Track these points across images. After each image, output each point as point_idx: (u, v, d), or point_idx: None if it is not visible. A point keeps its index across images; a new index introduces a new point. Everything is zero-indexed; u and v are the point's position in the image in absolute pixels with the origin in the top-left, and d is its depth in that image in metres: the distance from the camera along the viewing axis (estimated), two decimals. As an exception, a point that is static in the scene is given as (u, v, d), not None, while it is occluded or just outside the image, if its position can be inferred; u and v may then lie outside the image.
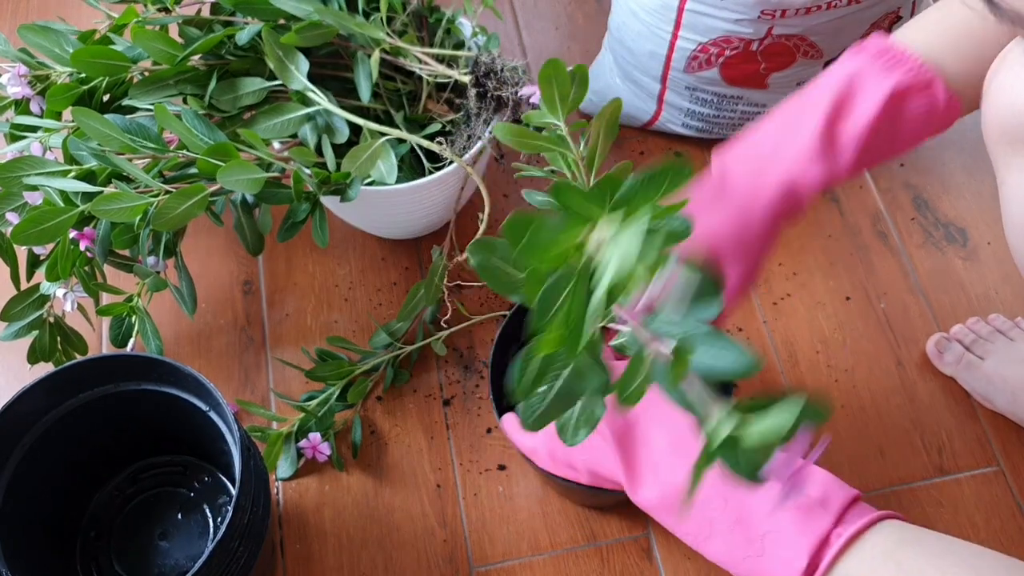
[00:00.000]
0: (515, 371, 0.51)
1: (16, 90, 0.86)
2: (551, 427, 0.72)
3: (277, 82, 0.86)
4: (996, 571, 0.54)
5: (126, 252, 0.86)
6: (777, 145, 0.69)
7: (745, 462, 0.45)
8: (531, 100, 0.86)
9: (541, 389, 0.54)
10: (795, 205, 0.70)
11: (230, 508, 0.71)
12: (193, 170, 0.82)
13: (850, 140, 0.68)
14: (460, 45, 0.96)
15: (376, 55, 0.86)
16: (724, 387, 0.84)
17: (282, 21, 0.87)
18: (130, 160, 0.81)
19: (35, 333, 0.89)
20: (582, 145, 0.60)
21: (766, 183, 0.68)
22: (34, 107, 0.87)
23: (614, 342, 0.63)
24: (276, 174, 0.81)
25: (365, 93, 0.87)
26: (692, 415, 0.47)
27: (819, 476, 0.62)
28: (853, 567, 0.57)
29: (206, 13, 0.89)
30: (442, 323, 0.98)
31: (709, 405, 0.46)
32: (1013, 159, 0.65)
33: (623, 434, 0.67)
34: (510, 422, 0.78)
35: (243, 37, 0.85)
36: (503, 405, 0.86)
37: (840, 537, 0.58)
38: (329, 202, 0.93)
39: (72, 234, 0.80)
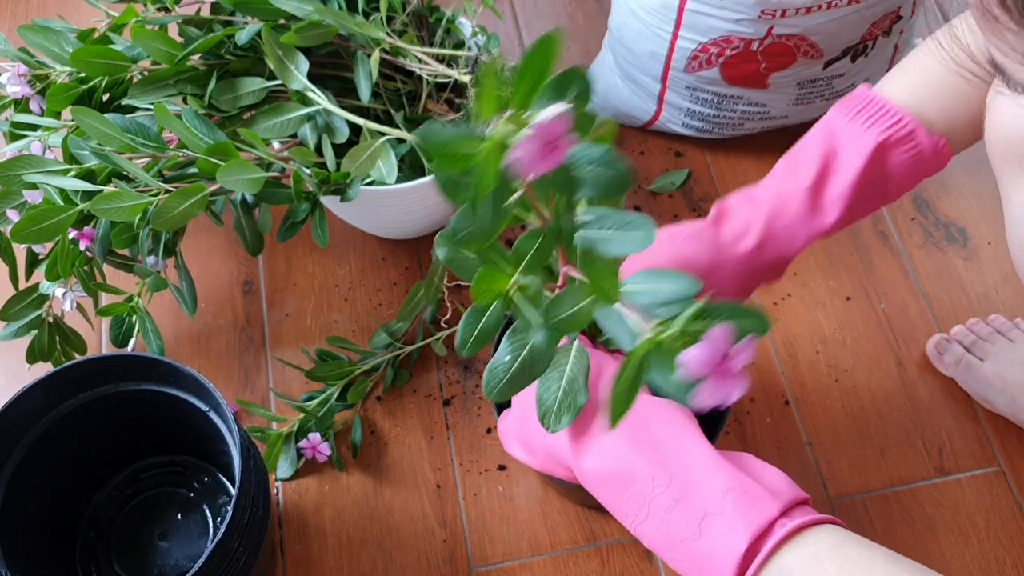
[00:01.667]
0: (461, 325, 0.51)
1: (16, 89, 0.86)
2: (522, 410, 0.72)
3: (277, 82, 0.86)
4: None
5: (126, 252, 0.85)
6: (766, 202, 0.72)
7: (664, 363, 0.45)
8: None
9: (504, 360, 0.54)
10: (772, 263, 0.73)
11: (230, 508, 0.71)
12: (193, 169, 0.82)
13: (837, 199, 0.70)
14: (460, 45, 0.96)
15: (376, 55, 0.86)
16: (719, 418, 0.83)
17: (282, 21, 0.87)
18: (130, 159, 0.80)
19: (34, 333, 0.88)
20: None
21: (748, 235, 0.71)
22: (34, 106, 0.87)
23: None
24: (276, 174, 0.81)
25: (365, 93, 0.87)
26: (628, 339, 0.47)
27: (772, 472, 0.61)
28: (795, 558, 0.56)
29: (206, 13, 0.89)
30: (442, 323, 0.98)
31: (642, 319, 0.46)
32: (1018, 178, 0.65)
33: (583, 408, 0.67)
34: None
35: (243, 37, 0.85)
36: (503, 406, 0.86)
37: (784, 527, 0.56)
38: (329, 202, 0.93)
39: (72, 233, 0.80)
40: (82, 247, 0.81)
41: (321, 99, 0.85)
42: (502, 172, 0.42)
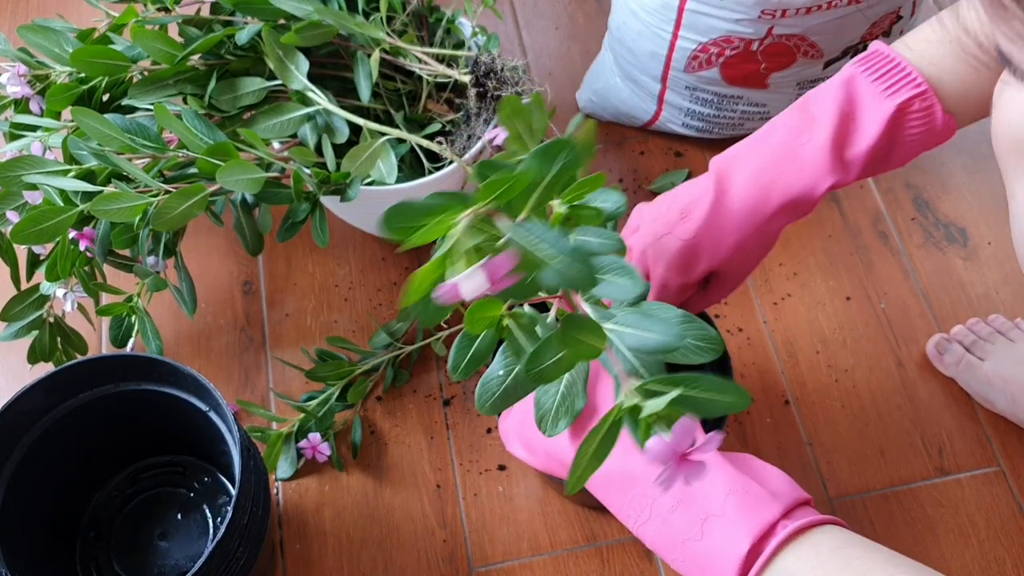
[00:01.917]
0: (454, 349, 0.52)
1: (16, 89, 0.86)
2: (523, 411, 0.72)
3: (277, 82, 0.86)
4: None
5: (126, 252, 0.85)
6: (782, 158, 0.69)
7: (640, 431, 0.46)
8: (495, 143, 0.86)
9: (497, 374, 0.54)
10: (800, 214, 0.71)
11: (230, 508, 0.71)
12: (193, 170, 0.82)
13: (855, 158, 0.68)
14: (460, 45, 0.96)
15: (376, 55, 0.86)
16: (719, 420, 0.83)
17: (282, 21, 0.87)
18: (130, 160, 0.80)
19: (35, 333, 0.89)
20: None
21: (773, 195, 0.69)
22: (34, 106, 0.87)
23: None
24: (276, 174, 0.81)
25: (365, 93, 0.87)
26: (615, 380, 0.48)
27: (774, 473, 0.61)
28: (795, 560, 0.56)
29: (206, 13, 0.89)
30: (442, 323, 0.98)
31: (623, 376, 0.46)
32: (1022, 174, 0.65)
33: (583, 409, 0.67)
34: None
35: (243, 37, 0.85)
36: None
37: (786, 528, 0.56)
38: (329, 202, 0.93)
39: (72, 234, 0.80)
40: (82, 248, 0.81)
41: (321, 99, 0.85)
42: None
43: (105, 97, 0.87)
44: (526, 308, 0.53)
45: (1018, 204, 0.67)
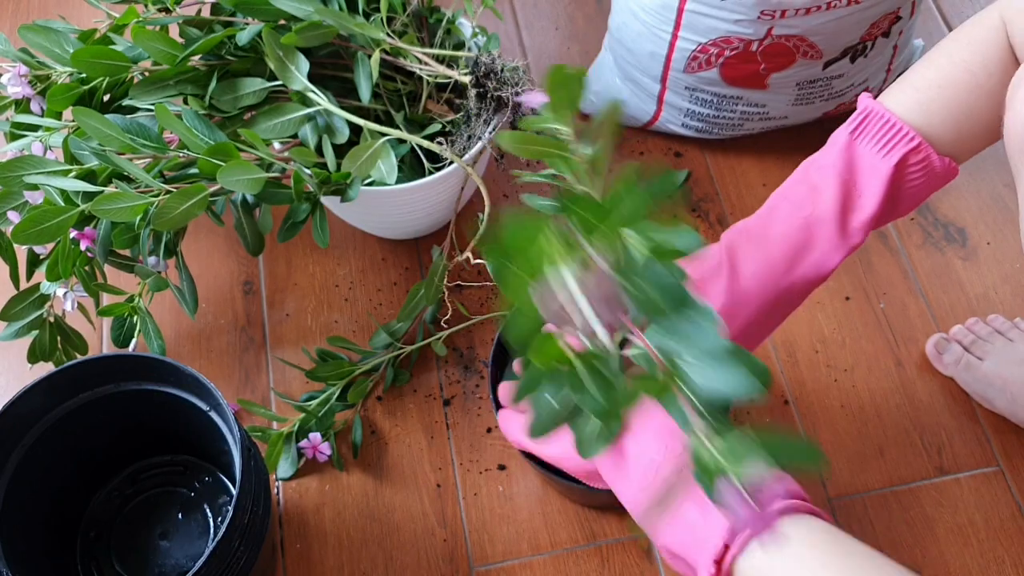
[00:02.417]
0: (535, 414, 0.50)
1: (16, 90, 0.86)
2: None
3: (277, 82, 0.86)
4: None
5: (127, 252, 0.86)
6: (790, 236, 0.70)
7: (712, 482, 0.45)
8: (530, 106, 0.86)
9: (547, 398, 0.54)
10: (813, 286, 0.72)
11: (230, 508, 0.71)
12: (193, 170, 0.82)
13: (862, 224, 0.70)
14: (460, 45, 0.96)
15: (376, 55, 0.86)
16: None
17: (282, 21, 0.87)
18: (131, 160, 0.81)
19: (35, 333, 0.89)
20: (588, 150, 0.60)
21: (784, 275, 0.70)
22: (34, 107, 0.87)
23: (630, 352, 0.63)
24: (276, 174, 0.81)
25: (365, 93, 0.87)
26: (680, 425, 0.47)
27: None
28: (772, 547, 0.56)
29: (206, 13, 0.90)
30: (442, 323, 0.98)
31: (693, 423, 0.46)
32: None
33: None
34: (502, 390, 0.78)
35: (243, 37, 0.85)
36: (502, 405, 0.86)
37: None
38: (329, 202, 0.93)
39: (72, 234, 0.80)
40: (83, 247, 0.81)
41: (321, 99, 0.85)
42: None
43: (106, 97, 0.87)
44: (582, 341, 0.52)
45: None
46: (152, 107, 0.83)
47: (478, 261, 0.91)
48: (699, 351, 0.48)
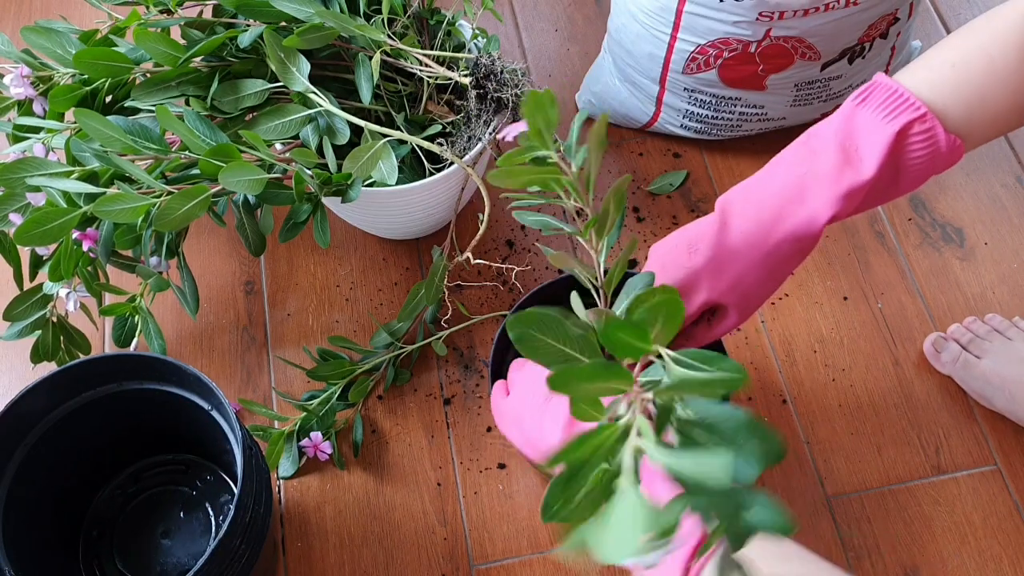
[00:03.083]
0: (549, 492, 0.49)
1: (19, 91, 0.86)
2: (519, 404, 0.72)
3: (279, 84, 0.87)
4: None
5: (129, 252, 0.86)
6: (783, 191, 0.70)
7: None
8: (510, 138, 0.86)
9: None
10: (802, 249, 0.70)
11: (232, 507, 0.71)
12: (195, 171, 0.83)
13: (857, 187, 0.68)
14: (460, 47, 0.96)
15: (377, 57, 0.87)
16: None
17: (284, 23, 0.88)
18: (132, 161, 0.81)
19: (38, 333, 0.89)
20: (574, 167, 0.60)
21: (773, 228, 0.69)
22: (37, 108, 0.88)
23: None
24: (278, 175, 0.82)
25: (366, 95, 0.87)
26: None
27: None
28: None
29: (208, 15, 0.90)
30: (442, 323, 0.98)
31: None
32: None
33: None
34: (497, 390, 0.78)
35: (245, 39, 0.85)
36: (496, 375, 0.86)
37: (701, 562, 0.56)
38: (330, 203, 0.94)
39: (75, 235, 0.80)
40: (85, 248, 0.81)
41: (322, 101, 0.85)
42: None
43: (108, 99, 0.88)
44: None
45: None
46: (154, 108, 0.84)
47: (478, 261, 0.91)
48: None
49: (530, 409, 0.71)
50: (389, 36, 0.89)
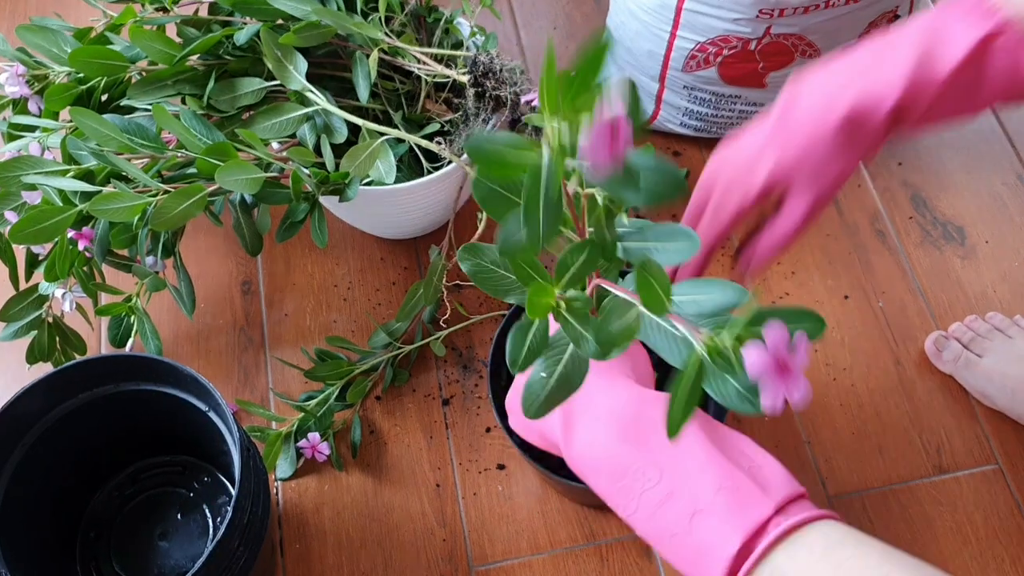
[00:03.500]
0: (510, 342, 0.51)
1: (14, 89, 0.86)
2: (520, 390, 0.72)
3: (275, 82, 0.86)
4: None
5: (125, 252, 0.86)
6: (856, 66, 0.65)
7: (722, 370, 0.44)
8: (532, 104, 0.86)
9: (540, 376, 0.54)
10: (867, 127, 0.65)
11: (230, 508, 0.71)
12: (192, 170, 0.82)
13: (933, 77, 0.63)
14: (458, 45, 0.96)
15: (374, 55, 0.86)
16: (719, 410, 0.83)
17: (280, 21, 0.87)
18: (129, 160, 0.81)
19: (34, 333, 0.89)
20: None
21: (838, 101, 0.64)
22: (32, 107, 0.87)
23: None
24: (275, 174, 0.81)
25: (363, 93, 0.87)
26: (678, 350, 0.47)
27: (768, 463, 0.59)
28: (789, 559, 0.54)
29: (204, 13, 0.89)
30: (441, 323, 0.98)
31: (694, 332, 0.45)
32: None
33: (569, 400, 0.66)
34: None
35: (241, 37, 0.85)
36: (502, 405, 0.86)
37: (778, 526, 0.55)
38: (328, 202, 0.93)
39: (70, 234, 0.80)
40: (81, 248, 0.81)
41: (320, 99, 0.85)
42: (555, 177, 0.41)
43: (104, 97, 0.87)
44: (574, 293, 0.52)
45: None
46: (150, 107, 0.83)
47: (477, 260, 0.90)
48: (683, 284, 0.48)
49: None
50: (387, 34, 0.88)
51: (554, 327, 0.53)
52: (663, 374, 0.73)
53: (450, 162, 0.89)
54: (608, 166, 0.40)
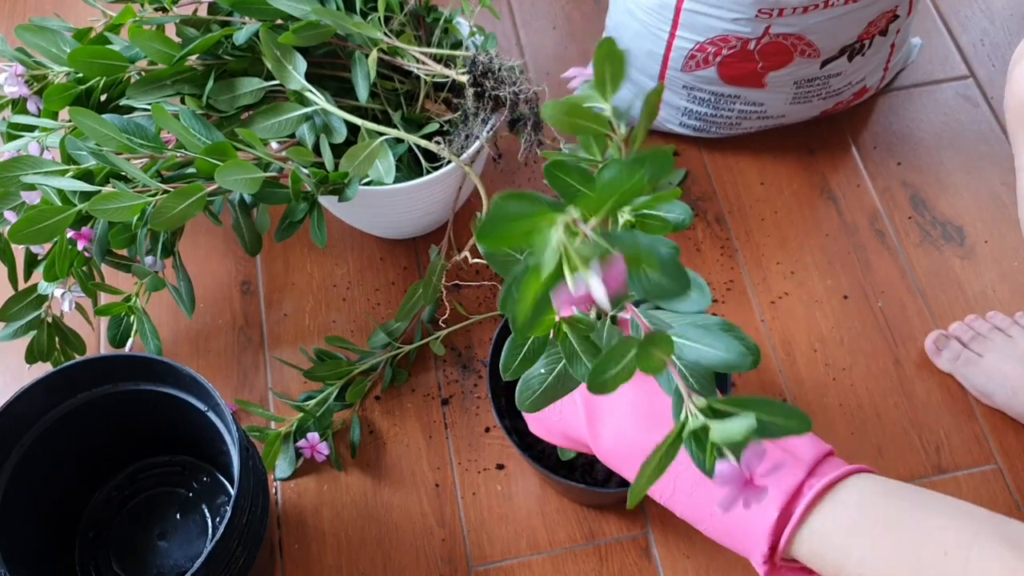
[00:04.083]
0: (505, 349, 0.52)
1: (13, 90, 0.86)
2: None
3: (275, 82, 0.86)
4: (972, 520, 0.52)
5: (124, 252, 0.86)
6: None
7: (707, 455, 0.45)
8: (571, 86, 0.85)
9: (539, 372, 0.54)
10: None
11: (229, 508, 0.71)
12: (191, 170, 0.82)
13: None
14: (458, 45, 0.96)
15: (374, 55, 0.86)
16: (721, 380, 0.84)
17: (280, 21, 0.87)
18: (128, 160, 0.80)
19: (33, 333, 0.89)
20: (622, 129, 0.60)
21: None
22: (31, 107, 0.87)
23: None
24: (274, 174, 0.81)
25: (363, 93, 0.87)
26: (672, 398, 0.47)
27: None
28: (827, 519, 0.55)
29: (203, 13, 0.89)
30: (440, 323, 0.98)
31: (687, 395, 0.46)
32: None
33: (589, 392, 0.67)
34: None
35: (241, 37, 0.85)
36: (502, 404, 0.86)
37: (812, 488, 0.56)
38: (327, 202, 0.93)
39: (70, 234, 0.80)
40: (80, 247, 0.81)
41: (319, 99, 0.85)
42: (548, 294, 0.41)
43: (103, 97, 0.87)
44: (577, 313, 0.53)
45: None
46: (149, 107, 0.83)
47: (476, 260, 0.90)
48: (691, 323, 0.48)
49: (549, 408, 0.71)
50: (386, 34, 0.88)
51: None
52: None
53: (449, 162, 0.89)
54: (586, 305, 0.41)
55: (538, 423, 0.73)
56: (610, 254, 0.39)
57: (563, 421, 0.69)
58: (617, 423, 0.65)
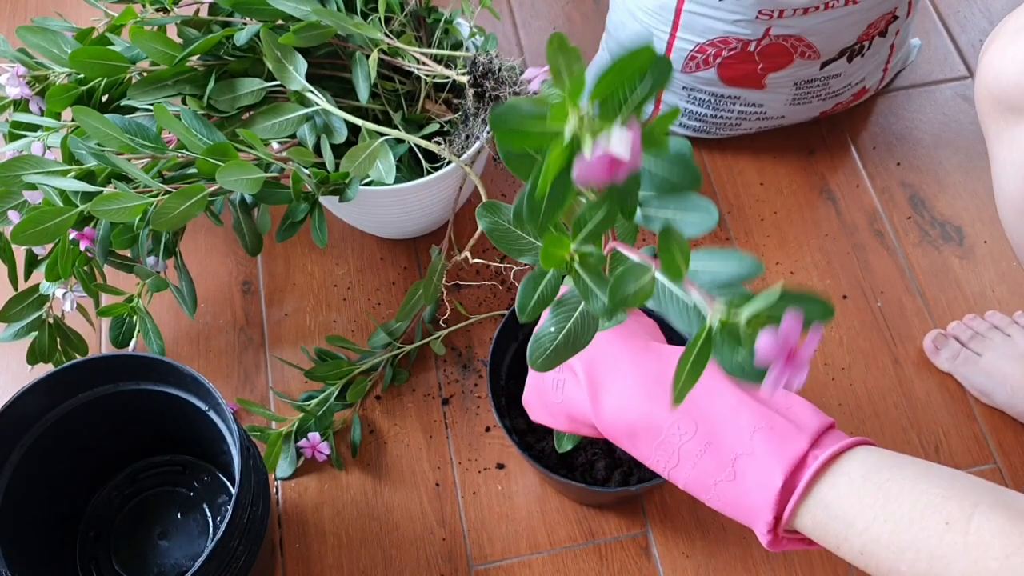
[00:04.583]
0: (521, 290, 0.51)
1: (15, 90, 0.86)
2: (538, 379, 0.72)
3: (275, 82, 0.86)
4: (972, 490, 0.53)
5: (126, 252, 0.86)
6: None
7: (733, 345, 0.44)
8: (532, 88, 0.85)
9: (549, 331, 0.54)
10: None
11: (230, 507, 0.71)
12: (192, 170, 0.82)
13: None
14: (458, 45, 0.96)
15: (374, 55, 0.86)
16: None
17: (280, 21, 0.87)
18: (129, 160, 0.81)
19: (34, 334, 0.89)
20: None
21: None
22: (33, 107, 0.87)
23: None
24: (275, 174, 0.82)
25: (363, 93, 0.87)
26: (691, 321, 0.47)
27: (796, 402, 0.61)
28: (831, 490, 0.56)
29: (204, 13, 0.90)
30: (441, 322, 0.98)
31: (709, 303, 0.46)
32: (1003, 131, 0.65)
33: (592, 366, 0.67)
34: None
35: (241, 38, 0.85)
36: (502, 404, 0.86)
37: (817, 459, 0.56)
38: (328, 202, 0.94)
39: (72, 234, 0.80)
40: (82, 248, 0.81)
41: (320, 99, 0.85)
42: (566, 171, 0.41)
43: (104, 98, 0.87)
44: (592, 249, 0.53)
45: (998, 164, 0.67)
46: (151, 107, 0.84)
47: (476, 260, 0.91)
48: (696, 253, 0.49)
49: (550, 389, 0.71)
50: (386, 34, 0.88)
51: (564, 290, 0.54)
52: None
53: (450, 162, 0.89)
54: (608, 181, 0.41)
55: (540, 407, 0.73)
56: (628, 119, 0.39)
57: (566, 400, 0.69)
58: (619, 392, 0.65)
